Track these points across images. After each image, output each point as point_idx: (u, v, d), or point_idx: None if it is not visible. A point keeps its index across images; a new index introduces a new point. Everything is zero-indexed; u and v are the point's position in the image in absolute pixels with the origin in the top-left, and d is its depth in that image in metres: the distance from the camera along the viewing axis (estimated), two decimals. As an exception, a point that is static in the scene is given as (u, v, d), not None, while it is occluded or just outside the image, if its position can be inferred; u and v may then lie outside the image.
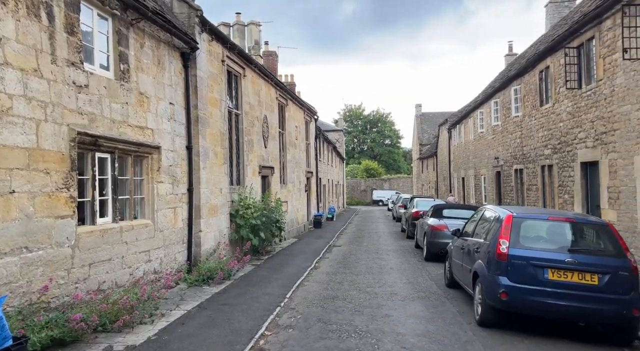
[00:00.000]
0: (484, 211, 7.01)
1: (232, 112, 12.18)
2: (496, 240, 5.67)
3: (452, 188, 30.05)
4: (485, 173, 20.55)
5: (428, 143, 46.43)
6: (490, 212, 6.65)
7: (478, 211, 7.55)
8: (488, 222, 6.49)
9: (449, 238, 11.05)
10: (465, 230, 7.70)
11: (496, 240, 5.67)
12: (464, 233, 7.62)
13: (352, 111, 76.20)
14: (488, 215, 6.69)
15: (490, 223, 6.26)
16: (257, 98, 14.26)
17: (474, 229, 7.02)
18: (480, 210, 7.38)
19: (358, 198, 59.34)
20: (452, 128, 29.71)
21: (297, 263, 11.82)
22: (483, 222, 6.82)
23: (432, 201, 18.36)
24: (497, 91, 17.99)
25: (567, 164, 11.57)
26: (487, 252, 5.84)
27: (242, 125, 12.77)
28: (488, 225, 6.38)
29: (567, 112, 11.43)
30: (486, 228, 6.39)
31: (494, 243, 5.67)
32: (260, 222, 12.03)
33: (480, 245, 6.22)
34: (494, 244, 5.65)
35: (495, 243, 5.65)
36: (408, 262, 11.63)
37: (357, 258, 12.52)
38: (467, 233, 7.48)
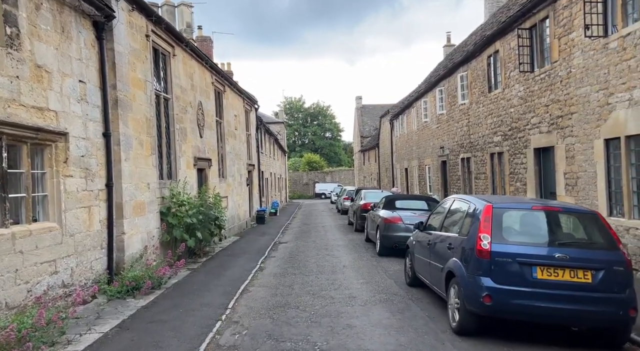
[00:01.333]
0: (452, 201, 6.24)
1: (160, 95, 10.65)
2: (475, 234, 4.88)
3: (395, 179, 29.98)
4: (430, 163, 20.35)
5: (369, 136, 46.48)
6: (461, 202, 5.90)
7: (444, 202, 6.78)
8: (460, 213, 5.73)
9: (403, 231, 10.37)
10: (429, 223, 6.93)
11: (475, 234, 4.88)
12: (429, 227, 6.86)
13: (293, 104, 75.08)
14: (459, 206, 5.93)
15: (464, 215, 5.49)
16: (190, 82, 12.76)
17: (441, 222, 6.24)
18: (447, 200, 6.62)
19: (300, 192, 58.52)
20: (394, 119, 29.55)
21: (240, 264, 10.62)
22: (453, 214, 6.07)
23: (380, 192, 17.79)
24: (442, 79, 17.71)
25: (518, 151, 11.28)
26: (464, 248, 5.05)
27: (173, 111, 11.27)
28: (461, 217, 5.62)
29: (519, 97, 11.11)
30: (459, 221, 5.62)
31: (473, 238, 4.88)
32: (196, 220, 10.66)
33: (453, 241, 5.43)
34: (473, 239, 4.87)
35: (474, 238, 4.87)
36: (361, 258, 10.82)
37: (306, 256, 11.54)
38: (432, 227, 6.71)
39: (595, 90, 7.92)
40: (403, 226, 10.47)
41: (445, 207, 6.45)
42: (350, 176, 58.64)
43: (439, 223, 6.39)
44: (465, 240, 5.09)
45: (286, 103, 74.59)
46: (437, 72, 20.42)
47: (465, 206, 5.66)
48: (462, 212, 5.71)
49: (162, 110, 10.78)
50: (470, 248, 4.89)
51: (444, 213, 6.31)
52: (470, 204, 5.45)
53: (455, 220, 5.85)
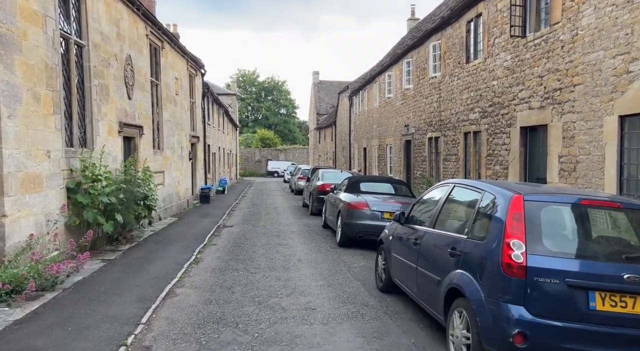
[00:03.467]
0: (451, 188, 4.61)
1: (70, 40, 8.28)
2: (499, 239, 3.29)
3: (352, 159, 28.57)
4: (392, 142, 18.96)
5: (326, 113, 44.75)
6: (466, 190, 4.29)
7: (436, 188, 5.13)
8: (466, 206, 4.15)
9: (370, 218, 8.81)
10: (413, 214, 5.32)
11: (499, 239, 3.29)
12: (413, 220, 5.26)
13: (246, 76, 71.62)
14: (462, 195, 4.34)
15: (474, 209, 3.89)
16: (116, 30, 10.34)
17: (435, 215, 4.63)
18: (441, 186, 4.98)
19: (252, 169, 56.17)
20: (353, 96, 27.92)
21: (171, 254, 8.67)
22: (453, 206, 4.49)
23: (339, 173, 16.17)
24: (411, 49, 16.14)
25: (500, 130, 9.94)
26: (480, 258, 3.46)
27: (89, 63, 8.92)
28: (469, 211, 4.03)
29: (505, 68, 9.70)
30: (466, 217, 4.03)
31: (496, 245, 3.29)
32: (116, 199, 8.55)
33: (459, 245, 3.83)
34: (496, 247, 3.28)
35: (498, 245, 3.28)
36: (319, 249, 9.16)
37: (253, 245, 9.74)
38: (418, 220, 5.11)
39: (612, 55, 6.54)
40: (369, 213, 8.89)
41: (438, 196, 4.84)
42: (304, 155, 56.91)
43: (430, 216, 4.78)
44: (481, 246, 3.50)
45: (239, 75, 71.05)
46: (404, 43, 18.85)
47: (474, 196, 4.06)
48: (469, 203, 4.13)
49: (74, 60, 8.43)
50: (492, 259, 3.32)
51: (439, 203, 4.70)
52: (485, 193, 3.86)
53: (459, 215, 4.28)
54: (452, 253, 3.92)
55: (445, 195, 4.62)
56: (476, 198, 3.96)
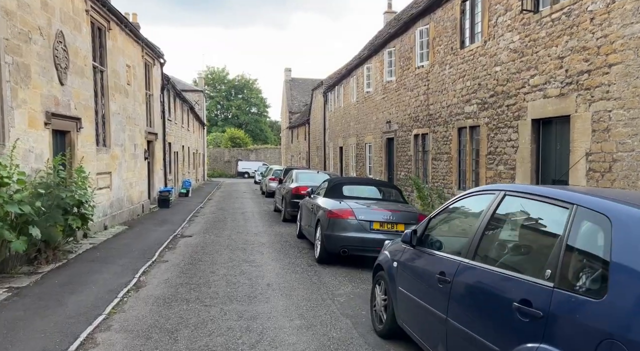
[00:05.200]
0: (500, 198, 2.81)
1: (-35, -1, 6.31)
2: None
3: (327, 159, 27.00)
4: (372, 141, 17.46)
5: (298, 112, 43.09)
6: (538, 202, 2.51)
7: (474, 197, 3.30)
8: (541, 230, 2.56)
9: (356, 230, 7.20)
10: (430, 234, 3.67)
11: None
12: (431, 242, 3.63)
13: (215, 74, 69.02)
14: (531, 210, 2.66)
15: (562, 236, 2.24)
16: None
17: (476, 240, 2.92)
18: (483, 194, 3.19)
19: (222, 170, 53.85)
20: (328, 92, 26.36)
21: (105, 278, 6.81)
22: (510, 227, 2.90)
23: (316, 174, 14.47)
24: (393, 38, 14.66)
25: (504, 123, 8.53)
26: (600, 333, 1.82)
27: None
28: (546, 239, 2.42)
29: (511, 51, 8.28)
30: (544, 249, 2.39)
31: (636, 309, 1.75)
32: (32, 208, 6.62)
33: (538, 298, 2.17)
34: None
35: None
36: (294, 268, 7.46)
37: (213, 262, 7.97)
38: (442, 245, 3.47)
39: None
40: (355, 223, 7.27)
41: (476, 209, 3.25)
42: (276, 155, 55.00)
43: (464, 240, 3.17)
44: (595, 308, 1.89)
45: (208, 73, 68.31)
46: (384, 33, 17.37)
47: (553, 212, 2.46)
48: (544, 224, 2.57)
49: (-26, 27, 6.46)
50: (625, 338, 1.75)
51: (479, 222, 3.06)
52: (580, 210, 2.24)
53: (526, 244, 2.71)
54: (522, 311, 2.33)
55: (491, 209, 3.02)
56: (561, 217, 2.39)
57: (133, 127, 14.22)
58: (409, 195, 12.74)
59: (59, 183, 7.97)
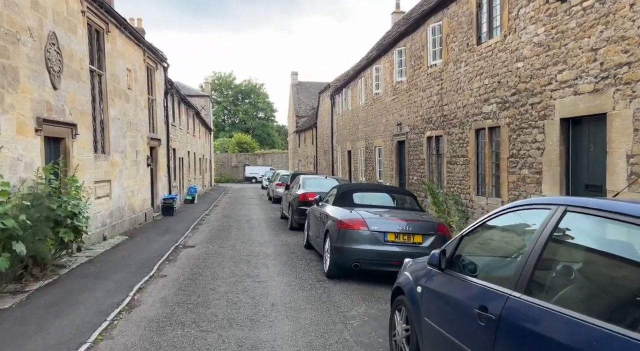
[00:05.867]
0: (559, 215, 2.17)
1: (-58, -4, 5.81)
2: None
3: (335, 163, 26.39)
4: (382, 144, 16.81)
5: (305, 115, 42.57)
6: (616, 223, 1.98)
7: (518, 211, 2.59)
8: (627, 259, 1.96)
9: (369, 242, 6.57)
10: (463, 255, 3.00)
11: None
12: (464, 265, 2.99)
13: (222, 79, 68.85)
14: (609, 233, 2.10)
15: None
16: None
17: (528, 269, 2.22)
18: (533, 208, 2.48)
19: (229, 175, 53.47)
20: (336, 95, 25.78)
21: (96, 296, 6.25)
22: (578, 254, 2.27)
23: (324, 179, 13.86)
24: (403, 36, 14.04)
25: (529, 123, 7.86)
26: None
27: (-20, 33, 6.45)
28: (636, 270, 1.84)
29: (535, 44, 7.62)
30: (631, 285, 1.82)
31: None
32: (16, 222, 6.07)
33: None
34: None
35: None
36: (301, 284, 6.83)
37: (214, 277, 7.38)
38: (479, 271, 2.80)
39: None
40: (368, 234, 6.63)
41: (522, 228, 2.60)
42: (283, 159, 54.52)
43: (510, 267, 2.50)
44: None
45: (215, 78, 68.15)
46: (393, 32, 16.75)
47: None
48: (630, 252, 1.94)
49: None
50: None
51: (531, 246, 2.36)
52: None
53: (607, 277, 2.07)
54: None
55: (547, 229, 2.38)
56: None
57: (134, 132, 13.74)
58: (423, 201, 12.06)
59: (49, 193, 7.46)
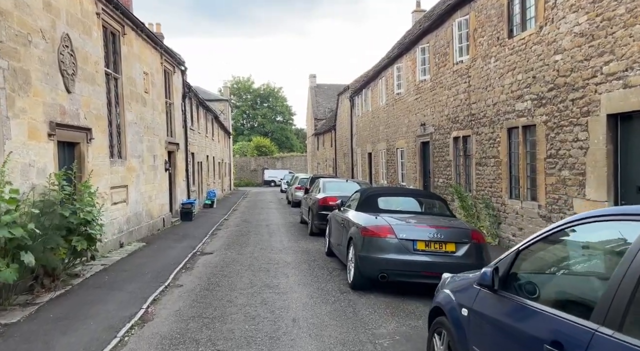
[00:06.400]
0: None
1: (-52, -4, 5.57)
2: None
3: (355, 166, 25.87)
4: (405, 145, 16.24)
5: (324, 118, 42.18)
6: None
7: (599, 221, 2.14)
8: None
9: (397, 251, 6.06)
10: (520, 273, 2.49)
11: None
12: (522, 285, 2.49)
13: (241, 83, 69.08)
14: None
15: None
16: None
17: (621, 297, 1.78)
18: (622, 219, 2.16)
19: (248, 179, 53.44)
20: (355, 96, 25.29)
21: (108, 309, 5.91)
22: None
23: (344, 182, 13.38)
24: (427, 33, 13.49)
25: (569, 121, 7.23)
26: None
27: (-11, 34, 6.21)
28: None
29: (576, 34, 7.01)
30: None
31: None
32: (25, 231, 5.78)
33: None
34: None
35: None
36: (324, 297, 6.36)
37: (232, 287, 6.97)
38: (542, 293, 2.28)
39: None
40: (395, 242, 6.12)
41: (605, 245, 2.13)
42: (302, 162, 54.21)
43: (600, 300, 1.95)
44: None
45: (234, 82, 68.42)
46: (415, 30, 16.19)
47: None
48: None
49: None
50: None
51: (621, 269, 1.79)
52: None
53: None
54: None
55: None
56: None
57: (152, 137, 13.52)
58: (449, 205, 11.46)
59: (62, 200, 7.19)
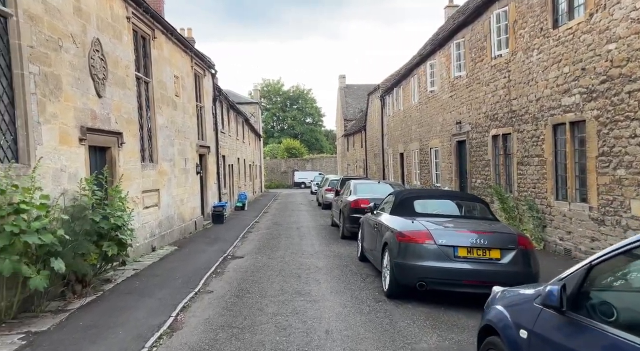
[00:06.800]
0: None
1: (-21, 2, 5.57)
2: None
3: (386, 167, 25.35)
4: (439, 144, 15.68)
5: (354, 118, 41.76)
6: None
7: None
8: None
9: (436, 257, 5.67)
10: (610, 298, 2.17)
11: None
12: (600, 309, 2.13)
13: (271, 86, 69.50)
14: None
15: None
16: (73, 2, 7.67)
17: None
18: None
19: (279, 181, 53.62)
20: (386, 95, 24.80)
21: (137, 317, 5.78)
22: None
23: (376, 184, 12.98)
24: (462, 27, 12.93)
25: (625, 115, 6.62)
26: None
27: (19, 41, 6.20)
28: None
29: (633, 20, 6.41)
30: None
31: None
32: (55, 237, 5.72)
33: None
34: None
35: None
36: (358, 306, 6.02)
37: (262, 294, 6.73)
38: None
39: None
40: (434, 248, 5.71)
41: None
42: (332, 163, 53.94)
43: None
44: None
45: (264, 85, 68.93)
46: (449, 25, 15.61)
47: None
48: None
49: (-8, 34, 5.69)
50: None
51: None
52: None
53: None
54: None
55: None
56: None
57: (183, 140, 13.54)
58: (489, 207, 10.88)
59: (93, 205, 7.15)
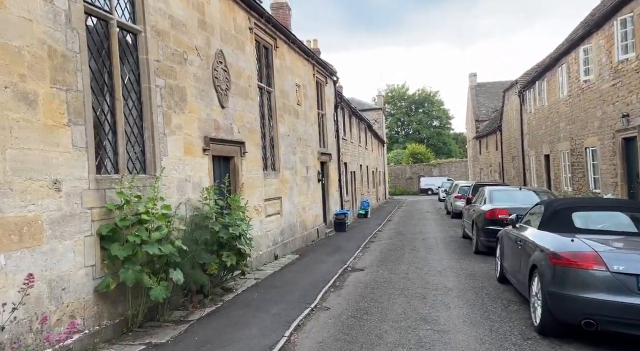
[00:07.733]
0: None
1: (110, 21, 5.84)
2: None
3: (528, 170, 22.49)
4: (597, 143, 13.11)
5: (486, 119, 38.45)
6: None
7: None
8: None
9: (610, 289, 4.40)
10: None
11: None
12: None
13: (395, 91, 68.30)
14: None
15: None
16: (197, 16, 7.88)
17: None
18: None
19: (403, 187, 52.10)
20: (525, 90, 22.05)
21: (251, 334, 5.49)
22: None
23: (517, 190, 11.21)
24: (627, 2, 10.53)
25: None
26: None
27: (146, 55, 6.43)
28: None
29: None
30: None
31: None
32: (173, 248, 5.71)
33: None
34: None
35: None
36: (501, 346, 4.79)
37: (382, 318, 5.94)
38: None
39: None
40: (606, 276, 4.29)
41: None
42: (462, 168, 50.56)
43: None
44: None
45: (388, 91, 67.99)
46: (609, 0, 12.99)
47: None
48: None
49: (114, 49, 5.90)
50: None
51: None
52: None
53: None
54: None
55: None
56: None
57: (304, 148, 13.46)
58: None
59: (214, 214, 7.16)
